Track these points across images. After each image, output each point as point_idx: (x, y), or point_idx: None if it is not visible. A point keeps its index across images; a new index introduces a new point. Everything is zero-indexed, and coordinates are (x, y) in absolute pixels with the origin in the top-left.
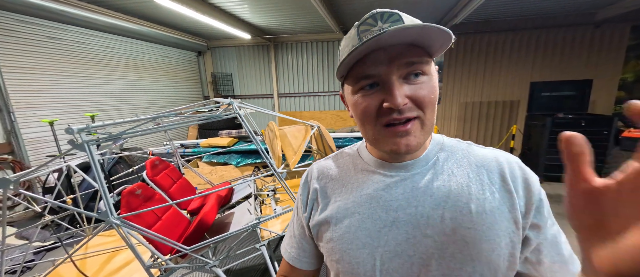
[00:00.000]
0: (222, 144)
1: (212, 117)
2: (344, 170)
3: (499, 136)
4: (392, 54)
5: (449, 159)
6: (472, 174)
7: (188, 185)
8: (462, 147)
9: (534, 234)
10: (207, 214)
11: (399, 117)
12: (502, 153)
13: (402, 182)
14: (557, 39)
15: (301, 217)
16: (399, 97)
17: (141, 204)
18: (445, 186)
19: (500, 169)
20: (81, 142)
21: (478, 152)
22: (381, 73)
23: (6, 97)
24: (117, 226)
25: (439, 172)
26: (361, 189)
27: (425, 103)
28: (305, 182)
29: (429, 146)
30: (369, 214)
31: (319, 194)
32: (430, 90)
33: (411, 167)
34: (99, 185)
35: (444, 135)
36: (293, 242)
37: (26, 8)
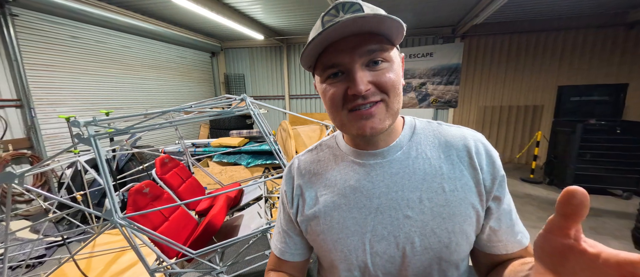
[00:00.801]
0: (232, 144)
1: (224, 113)
2: (325, 163)
3: (521, 142)
4: (353, 43)
5: (422, 141)
6: (443, 155)
7: (197, 185)
8: (433, 128)
9: (496, 205)
10: (215, 217)
11: (363, 102)
12: (468, 131)
13: (381, 170)
14: (587, 41)
15: (288, 212)
16: (361, 84)
17: (148, 203)
18: (420, 169)
19: (466, 147)
20: (87, 136)
21: (447, 131)
22: (344, 61)
23: (28, 94)
24: (122, 226)
25: (413, 156)
26: (344, 180)
27: (388, 87)
28: (288, 177)
29: (402, 131)
30: (354, 203)
31: (303, 190)
32: (391, 74)
33: (387, 154)
34: (103, 182)
35: (416, 118)
36: (281, 237)
37: (53, 8)
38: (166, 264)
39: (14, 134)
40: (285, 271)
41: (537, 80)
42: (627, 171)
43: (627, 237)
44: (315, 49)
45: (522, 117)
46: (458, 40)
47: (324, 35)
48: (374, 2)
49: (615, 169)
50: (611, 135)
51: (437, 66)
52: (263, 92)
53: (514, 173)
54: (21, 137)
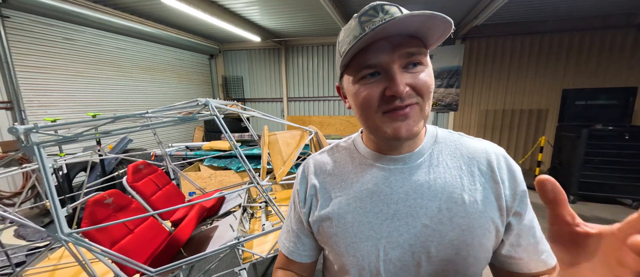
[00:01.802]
0: (223, 148)
1: (186, 119)
2: (341, 164)
3: (524, 148)
4: (394, 44)
5: (443, 151)
6: (464, 166)
7: (176, 192)
8: (454, 138)
9: (516, 220)
10: (182, 230)
11: (400, 104)
12: (490, 145)
13: (401, 175)
14: (593, 43)
15: (299, 211)
16: (401, 84)
17: (110, 215)
18: (441, 178)
19: (488, 160)
20: (31, 144)
21: (469, 144)
22: (383, 62)
23: (18, 95)
24: (67, 243)
25: (434, 164)
26: (361, 183)
27: (424, 90)
28: (302, 177)
29: (424, 138)
30: (371, 207)
31: (317, 190)
32: (428, 78)
33: (408, 160)
34: (49, 194)
35: (438, 127)
36: (290, 237)
37: (46, 10)
38: None
39: (3, 136)
40: (294, 271)
41: (541, 83)
42: (636, 179)
43: None
44: (358, 48)
45: (525, 122)
46: (458, 41)
47: (371, 34)
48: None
49: (623, 177)
50: (619, 141)
51: (437, 68)
52: (261, 95)
53: None
54: (10, 140)
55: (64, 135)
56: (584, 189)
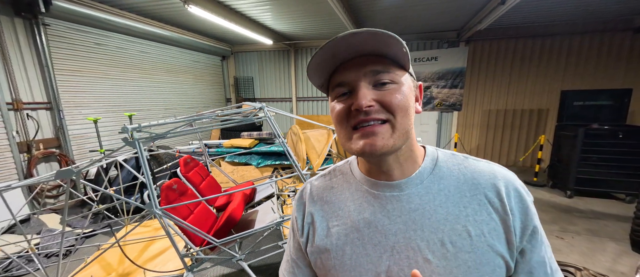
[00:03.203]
0: (244, 145)
1: (245, 120)
2: (338, 191)
3: (525, 146)
4: (360, 63)
5: (445, 176)
6: (468, 193)
7: (215, 183)
8: (457, 161)
9: (528, 256)
10: (235, 211)
11: (365, 118)
12: (499, 169)
13: (398, 204)
14: (592, 46)
15: (298, 240)
16: (363, 98)
17: (177, 198)
18: (442, 207)
19: (496, 187)
20: (133, 140)
21: (475, 167)
22: (350, 79)
23: (57, 97)
24: (159, 216)
25: (434, 192)
26: (358, 212)
27: (393, 107)
28: (300, 203)
29: (423, 162)
30: (368, 239)
31: (314, 218)
32: (398, 95)
33: (405, 186)
34: (147, 179)
35: (439, 149)
36: (289, 266)
37: (80, 18)
38: (193, 251)
39: (44, 134)
40: None
41: (542, 84)
42: (629, 175)
43: (626, 239)
44: (321, 67)
45: (526, 121)
46: (463, 44)
47: (324, 49)
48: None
49: (617, 173)
50: (614, 139)
51: (441, 70)
52: (271, 95)
53: (518, 176)
54: (50, 137)
55: (157, 133)
56: (581, 184)
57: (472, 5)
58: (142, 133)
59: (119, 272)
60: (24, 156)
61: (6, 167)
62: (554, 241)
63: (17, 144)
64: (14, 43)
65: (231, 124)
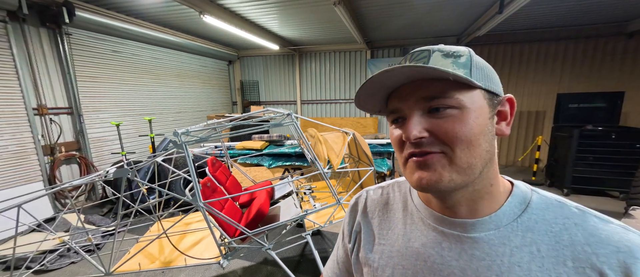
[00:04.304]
0: (255, 147)
1: (275, 125)
2: (392, 209)
3: (524, 146)
4: (411, 89)
5: (538, 229)
6: (571, 261)
7: (236, 182)
8: (565, 214)
9: None
10: (263, 205)
11: (415, 150)
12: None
13: (458, 245)
14: (587, 50)
15: (346, 244)
16: (413, 129)
17: (211, 194)
18: (522, 267)
19: (628, 268)
20: (181, 142)
21: (595, 227)
22: (402, 107)
23: (78, 102)
24: (203, 208)
25: (515, 245)
26: (408, 239)
27: (450, 137)
28: (352, 210)
29: (505, 203)
30: (413, 271)
31: (362, 229)
32: (459, 123)
33: (472, 228)
34: (192, 176)
35: (538, 190)
36: (334, 266)
37: (99, 27)
38: (228, 241)
39: (65, 138)
40: None
41: (539, 87)
42: (623, 174)
43: None
44: (373, 98)
45: (525, 122)
46: None
47: (371, 79)
48: (391, 12)
49: (611, 172)
50: (607, 140)
51: None
52: (276, 98)
53: (518, 175)
54: (71, 141)
55: (200, 137)
56: (577, 183)
57: (471, 14)
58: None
59: (161, 261)
60: (47, 159)
61: (32, 169)
62: None
63: (41, 147)
64: (40, 52)
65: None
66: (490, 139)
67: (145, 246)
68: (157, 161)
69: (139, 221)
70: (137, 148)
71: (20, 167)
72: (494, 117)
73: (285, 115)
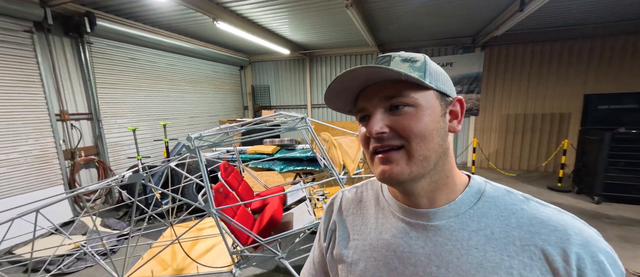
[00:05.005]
0: (267, 152)
1: (287, 128)
2: (365, 206)
3: (547, 150)
4: (375, 89)
5: (490, 214)
6: (518, 241)
7: (248, 187)
8: (512, 200)
9: None
10: (276, 212)
11: (378, 145)
12: (573, 220)
13: (423, 233)
14: (615, 48)
15: (322, 244)
16: (375, 125)
17: (223, 200)
18: (479, 249)
19: (564, 243)
20: (194, 147)
21: (536, 211)
22: (367, 106)
23: (97, 108)
24: (215, 215)
25: (472, 229)
26: (379, 231)
27: (407, 132)
28: (328, 210)
29: (462, 194)
30: (384, 262)
31: (337, 227)
32: (414, 119)
33: (434, 216)
34: (205, 182)
35: (490, 181)
36: (310, 268)
37: (119, 35)
38: (240, 249)
39: (85, 142)
40: None
41: (562, 88)
42: None
43: None
44: (341, 98)
45: (547, 125)
46: (478, 49)
47: (337, 79)
48: (396, 16)
49: None
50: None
51: (457, 75)
52: (286, 102)
53: (541, 181)
54: (90, 145)
55: (213, 141)
56: (609, 190)
57: (488, 13)
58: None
59: (173, 268)
60: (68, 163)
61: (53, 173)
62: None
63: (63, 152)
64: (62, 60)
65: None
66: (443, 134)
67: (158, 252)
68: (170, 166)
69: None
70: (152, 152)
71: (43, 171)
72: (446, 115)
73: (299, 119)
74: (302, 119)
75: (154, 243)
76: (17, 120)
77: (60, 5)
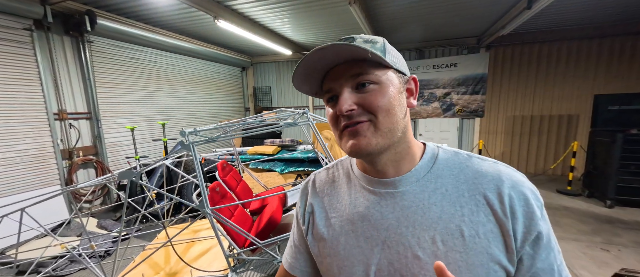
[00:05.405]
0: (267, 152)
1: (289, 124)
2: (338, 184)
3: (555, 153)
4: (342, 70)
5: (444, 174)
6: (467, 193)
7: (247, 187)
8: (459, 160)
9: (528, 263)
10: (275, 213)
11: (348, 122)
12: (505, 169)
13: (392, 200)
14: (625, 48)
15: (301, 227)
16: (343, 104)
17: (219, 200)
18: (436, 206)
19: (498, 187)
20: (188, 143)
21: (478, 167)
22: (334, 86)
23: (97, 107)
24: (210, 216)
25: (430, 190)
26: (354, 205)
27: (374, 107)
28: (304, 193)
29: (420, 161)
30: (361, 231)
31: (314, 209)
32: (379, 95)
33: (399, 184)
34: (200, 181)
35: (441, 146)
36: (292, 251)
37: (120, 35)
38: (237, 252)
39: (84, 142)
40: None
41: (570, 89)
42: None
43: None
44: (308, 79)
45: (555, 127)
46: (483, 50)
47: (301, 66)
48: (400, 17)
49: None
50: None
51: (461, 76)
52: (288, 103)
53: (549, 185)
54: (89, 145)
55: (208, 137)
56: (622, 193)
57: (495, 12)
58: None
59: (166, 271)
60: (65, 162)
61: (50, 173)
62: (599, 254)
63: (60, 151)
64: (62, 59)
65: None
66: (404, 109)
67: (150, 254)
68: (165, 164)
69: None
70: (152, 152)
71: (40, 170)
72: (404, 92)
73: (301, 114)
74: (303, 113)
75: (147, 245)
76: (14, 119)
77: (60, 4)
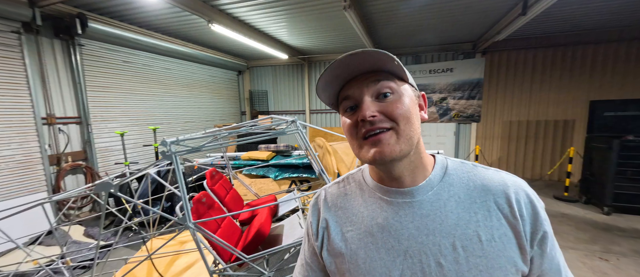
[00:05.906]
0: (261, 158)
1: (278, 132)
2: (351, 197)
3: (552, 158)
4: (362, 79)
5: (455, 183)
6: (478, 199)
7: (238, 196)
8: (467, 169)
9: (538, 260)
10: (263, 226)
11: (371, 128)
12: (508, 176)
13: (410, 210)
14: (619, 54)
15: (313, 244)
16: (367, 110)
17: (206, 211)
18: (453, 212)
19: (506, 193)
20: (170, 153)
21: (484, 175)
22: (355, 94)
23: (87, 112)
24: (193, 230)
25: (445, 198)
26: (371, 217)
27: (395, 115)
28: (315, 209)
29: (432, 171)
30: (382, 243)
31: (328, 224)
32: (400, 105)
33: (416, 193)
34: (182, 192)
35: (449, 158)
36: (303, 270)
37: (112, 38)
38: (222, 267)
39: (73, 147)
40: None
41: (566, 94)
42: None
43: None
44: (329, 86)
45: (551, 132)
46: (479, 55)
47: (328, 71)
48: (401, 18)
49: None
50: None
51: (457, 81)
52: (285, 107)
53: (546, 190)
54: (78, 150)
55: (192, 146)
56: (619, 200)
57: (490, 17)
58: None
59: None
60: (53, 168)
61: (36, 179)
62: (598, 263)
63: (48, 156)
64: (52, 62)
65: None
66: (419, 120)
67: (131, 269)
68: (150, 173)
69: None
70: (142, 158)
71: (25, 177)
72: (417, 105)
73: (290, 122)
74: (292, 122)
75: (130, 258)
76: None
77: (49, 6)
